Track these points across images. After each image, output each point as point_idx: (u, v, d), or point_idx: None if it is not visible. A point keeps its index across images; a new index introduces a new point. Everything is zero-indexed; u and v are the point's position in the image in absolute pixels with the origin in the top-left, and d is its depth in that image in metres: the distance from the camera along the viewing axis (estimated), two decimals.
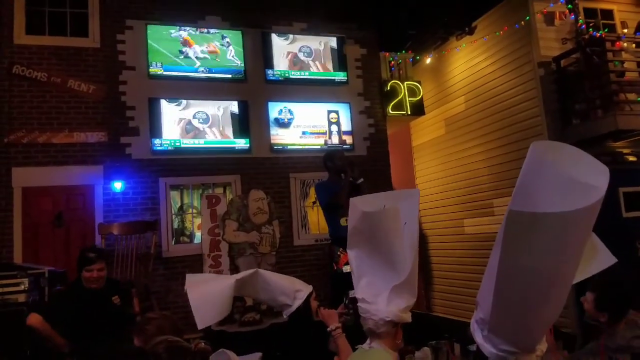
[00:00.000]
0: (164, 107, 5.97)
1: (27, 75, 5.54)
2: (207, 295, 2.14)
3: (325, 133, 6.67)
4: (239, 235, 5.13)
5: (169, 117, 5.97)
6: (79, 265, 3.17)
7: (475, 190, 6.84)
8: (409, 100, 7.13)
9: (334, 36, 6.94)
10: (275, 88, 6.56)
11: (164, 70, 6.05)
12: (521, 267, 1.10)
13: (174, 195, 6.19)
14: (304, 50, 6.76)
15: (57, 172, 5.50)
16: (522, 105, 6.06)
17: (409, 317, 2.00)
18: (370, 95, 7.06)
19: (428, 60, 7.62)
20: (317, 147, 6.54)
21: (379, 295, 1.99)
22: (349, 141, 6.74)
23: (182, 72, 6.12)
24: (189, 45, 6.23)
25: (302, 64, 6.73)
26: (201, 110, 6.11)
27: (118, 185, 5.67)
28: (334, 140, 6.68)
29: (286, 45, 6.71)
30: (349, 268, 3.75)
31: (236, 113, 6.27)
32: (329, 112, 6.74)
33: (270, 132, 6.42)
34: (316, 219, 6.53)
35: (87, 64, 5.82)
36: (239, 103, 6.30)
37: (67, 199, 5.59)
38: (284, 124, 6.51)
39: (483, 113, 6.72)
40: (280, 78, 6.59)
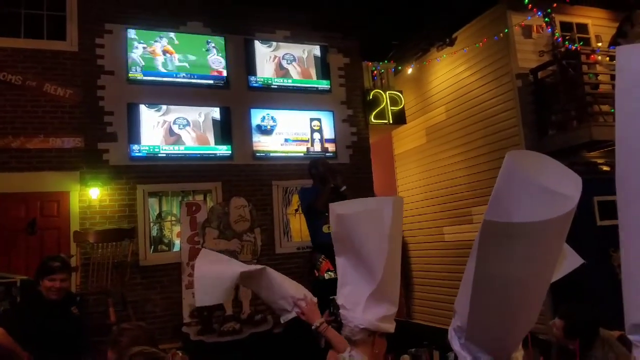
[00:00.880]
0: (143, 113, 5.88)
1: (1, 78, 5.39)
2: (213, 276, 2.07)
3: (307, 141, 6.67)
4: (220, 243, 5.06)
5: (149, 122, 5.89)
6: (41, 273, 3.05)
7: (455, 199, 6.93)
8: (391, 109, 7.20)
9: (317, 44, 6.97)
10: (258, 95, 6.54)
11: (144, 75, 5.97)
12: (496, 276, 1.11)
13: (153, 202, 6.09)
14: (287, 57, 6.77)
15: (31, 178, 5.35)
16: (500, 115, 6.18)
17: (389, 327, 1.97)
18: (353, 103, 7.11)
19: (410, 70, 7.73)
20: (300, 154, 6.54)
21: (358, 303, 1.98)
22: (331, 149, 6.76)
23: (163, 77, 6.05)
24: (170, 50, 6.17)
25: (286, 72, 6.74)
26: (182, 116, 6.04)
27: (95, 192, 5.54)
28: (317, 147, 6.69)
29: (269, 52, 6.71)
30: (331, 275, 3.76)
31: (218, 119, 6.22)
32: (312, 119, 6.75)
33: (253, 139, 6.38)
34: (299, 227, 6.51)
35: (64, 68, 5.71)
36: (221, 109, 6.25)
37: (41, 205, 5.43)
38: (267, 131, 6.48)
39: (463, 123, 6.83)
40: (263, 85, 6.57)
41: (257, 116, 6.47)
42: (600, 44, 6.37)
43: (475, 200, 6.45)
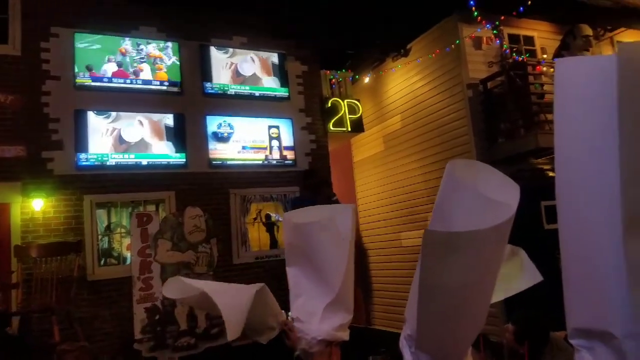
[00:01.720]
0: (91, 120, 5.61)
1: None
2: (236, 305, 1.94)
3: (266, 148, 6.59)
4: (174, 255, 4.88)
5: (97, 130, 5.62)
6: None
7: (411, 204, 7.06)
8: (349, 118, 7.27)
9: (275, 52, 6.93)
10: (214, 101, 6.41)
11: (92, 81, 5.71)
12: (439, 285, 1.11)
13: (101, 213, 5.80)
14: (244, 64, 6.69)
15: None
16: (453, 124, 6.37)
17: (345, 335, 1.96)
18: (311, 111, 7.11)
19: (367, 80, 7.85)
20: (258, 162, 6.46)
21: (314, 314, 1.95)
22: (290, 156, 6.71)
23: (112, 83, 5.82)
24: (121, 54, 5.95)
25: (243, 79, 6.65)
26: (132, 123, 5.82)
27: (38, 203, 5.22)
28: (275, 155, 6.62)
29: (226, 58, 6.61)
30: None
31: (172, 126, 6.04)
32: (270, 127, 6.68)
33: (209, 147, 6.24)
34: (257, 236, 6.40)
35: (6, 73, 5.36)
36: (174, 116, 6.07)
37: None
38: (224, 138, 6.36)
39: (418, 131, 6.99)
40: (219, 91, 6.45)
41: (214, 123, 6.33)
42: (545, 56, 6.71)
43: (431, 206, 6.59)
